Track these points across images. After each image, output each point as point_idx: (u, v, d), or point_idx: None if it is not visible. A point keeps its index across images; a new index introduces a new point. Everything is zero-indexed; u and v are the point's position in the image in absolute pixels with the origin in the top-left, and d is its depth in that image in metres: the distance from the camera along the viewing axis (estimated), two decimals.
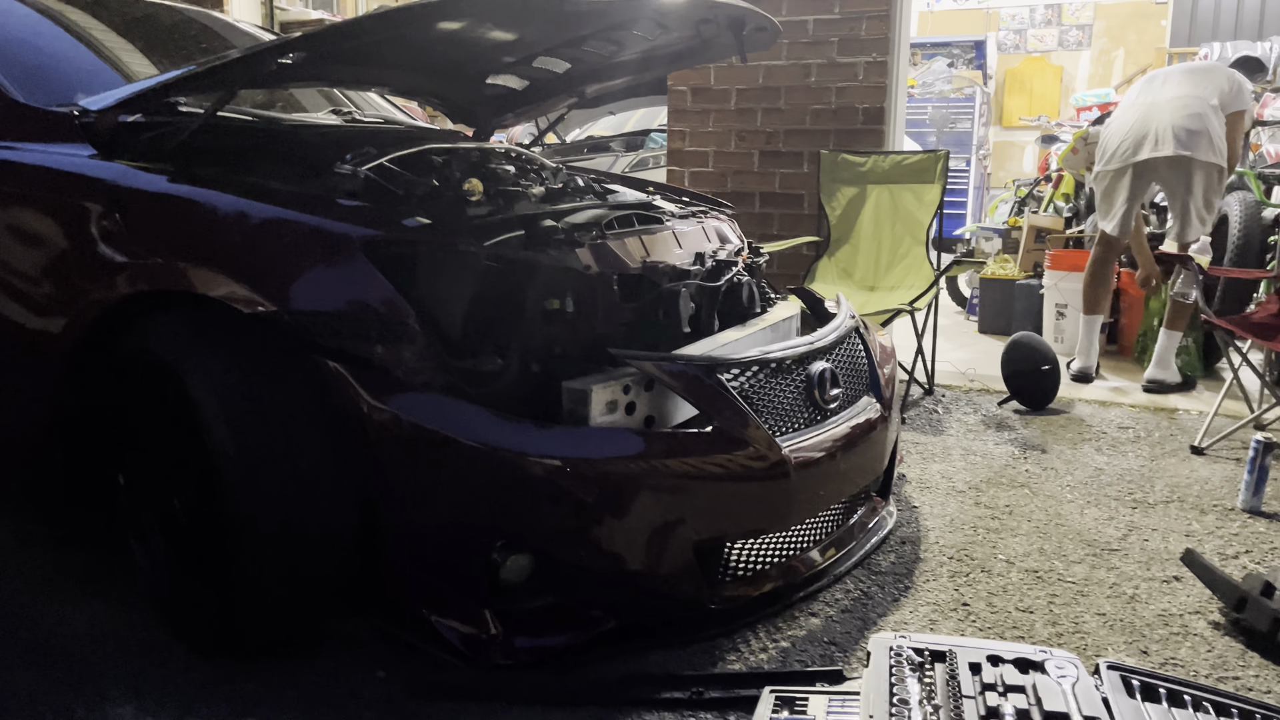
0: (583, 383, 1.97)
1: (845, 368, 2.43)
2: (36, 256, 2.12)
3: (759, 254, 2.80)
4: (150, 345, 1.95)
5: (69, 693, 1.85)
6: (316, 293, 1.90)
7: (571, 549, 1.93)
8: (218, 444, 1.82)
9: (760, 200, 4.67)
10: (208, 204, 2.01)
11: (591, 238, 2.18)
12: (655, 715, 1.81)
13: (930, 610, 2.22)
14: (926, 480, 3.08)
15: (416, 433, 1.86)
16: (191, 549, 2.01)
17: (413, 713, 1.82)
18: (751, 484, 2.07)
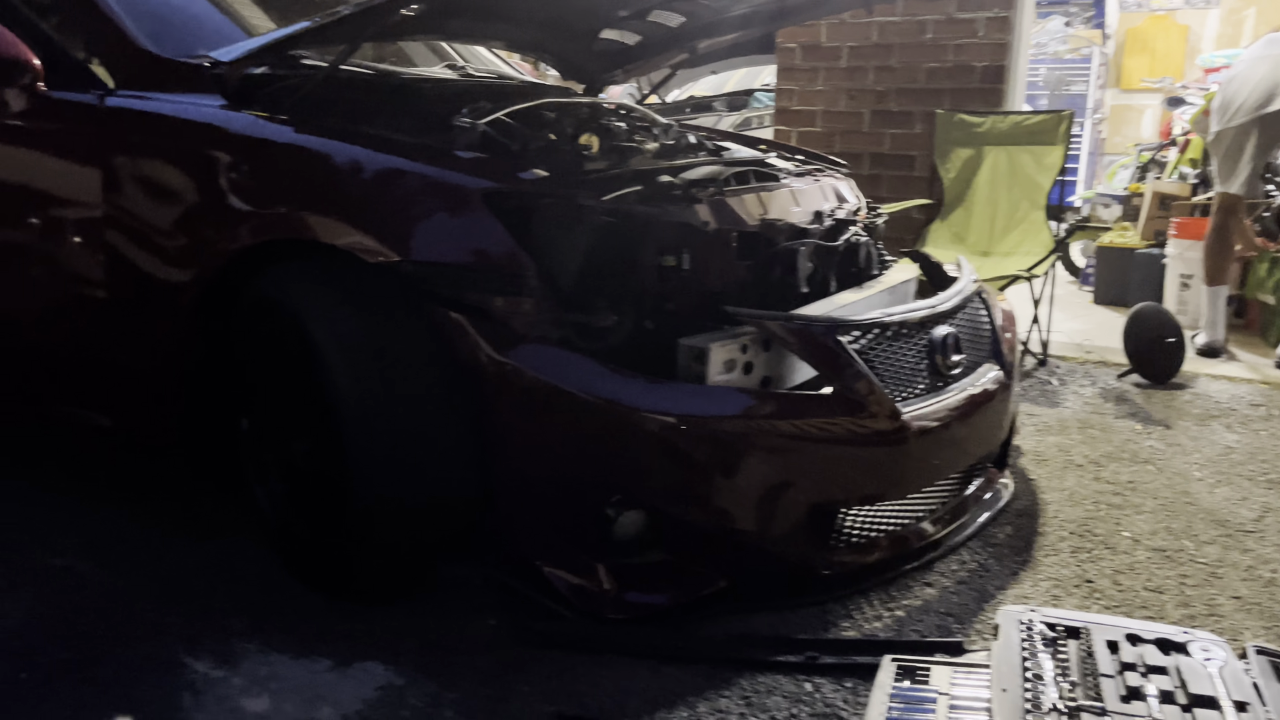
0: (701, 340, 1.94)
1: (968, 333, 2.35)
2: (167, 205, 2.17)
3: (878, 214, 2.71)
4: (275, 293, 1.98)
5: (196, 625, 1.92)
6: (438, 243, 1.90)
7: (685, 507, 1.92)
8: (339, 391, 1.85)
9: (869, 161, 4.55)
10: (332, 155, 2.03)
11: (709, 194, 2.14)
12: (767, 677, 1.79)
13: (1052, 585, 2.14)
14: (1042, 453, 2.97)
15: (533, 385, 1.86)
16: (310, 493, 2.05)
17: (523, 660, 1.83)
18: (869, 449, 2.02)
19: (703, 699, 1.72)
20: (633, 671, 1.79)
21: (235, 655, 1.83)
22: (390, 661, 1.81)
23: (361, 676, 1.77)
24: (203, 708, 1.67)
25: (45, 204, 2.28)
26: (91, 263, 2.23)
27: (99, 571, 2.11)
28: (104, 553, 2.19)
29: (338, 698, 1.70)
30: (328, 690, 1.72)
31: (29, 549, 2.20)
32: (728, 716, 1.68)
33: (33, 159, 2.29)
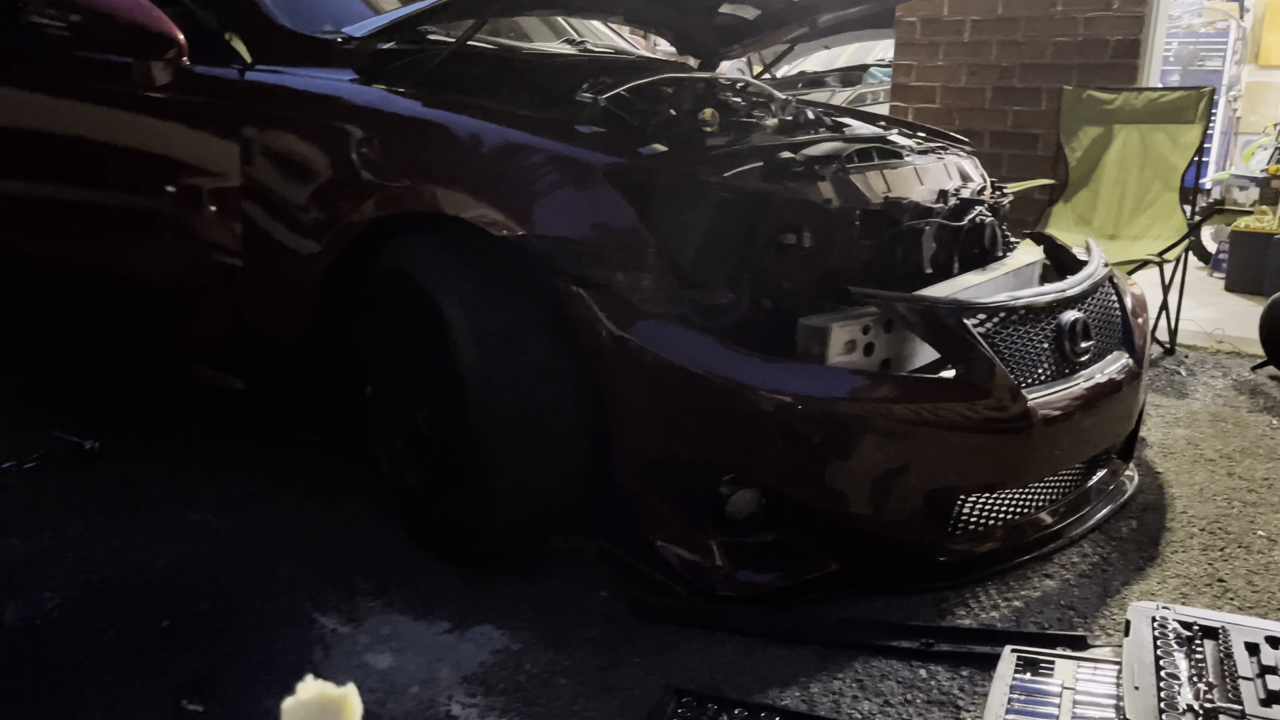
0: (821, 320, 1.92)
1: (1097, 319, 2.26)
2: (301, 176, 2.24)
3: (1003, 193, 2.63)
4: (404, 265, 2.04)
5: (323, 583, 2.00)
6: (561, 218, 1.92)
7: (799, 488, 1.91)
8: (464, 362, 1.89)
9: (990, 139, 4.41)
10: (459, 129, 2.06)
11: (831, 170, 2.11)
12: (881, 662, 1.77)
13: (1180, 583, 2.06)
14: (1170, 446, 2.86)
15: (651, 361, 1.87)
16: (432, 460, 2.11)
17: (635, 632, 1.85)
18: (991, 436, 1.97)
19: (815, 680, 1.72)
20: (744, 650, 1.80)
21: (360, 613, 1.90)
22: (506, 627, 1.86)
23: (479, 640, 1.81)
24: (332, 661, 1.74)
25: (186, 174, 2.38)
26: (228, 231, 2.32)
27: (234, 528, 2.22)
28: (238, 510, 2.30)
29: (457, 659, 1.75)
30: (447, 651, 1.78)
31: (169, 504, 2.32)
32: (841, 698, 1.67)
33: (176, 131, 2.40)
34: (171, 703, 1.62)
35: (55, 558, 2.07)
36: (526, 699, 1.65)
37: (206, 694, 1.64)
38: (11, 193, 2.69)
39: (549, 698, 1.66)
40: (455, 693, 1.66)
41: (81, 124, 2.54)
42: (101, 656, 1.74)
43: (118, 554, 2.09)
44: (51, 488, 2.40)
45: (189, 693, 1.64)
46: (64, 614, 1.87)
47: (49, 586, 1.96)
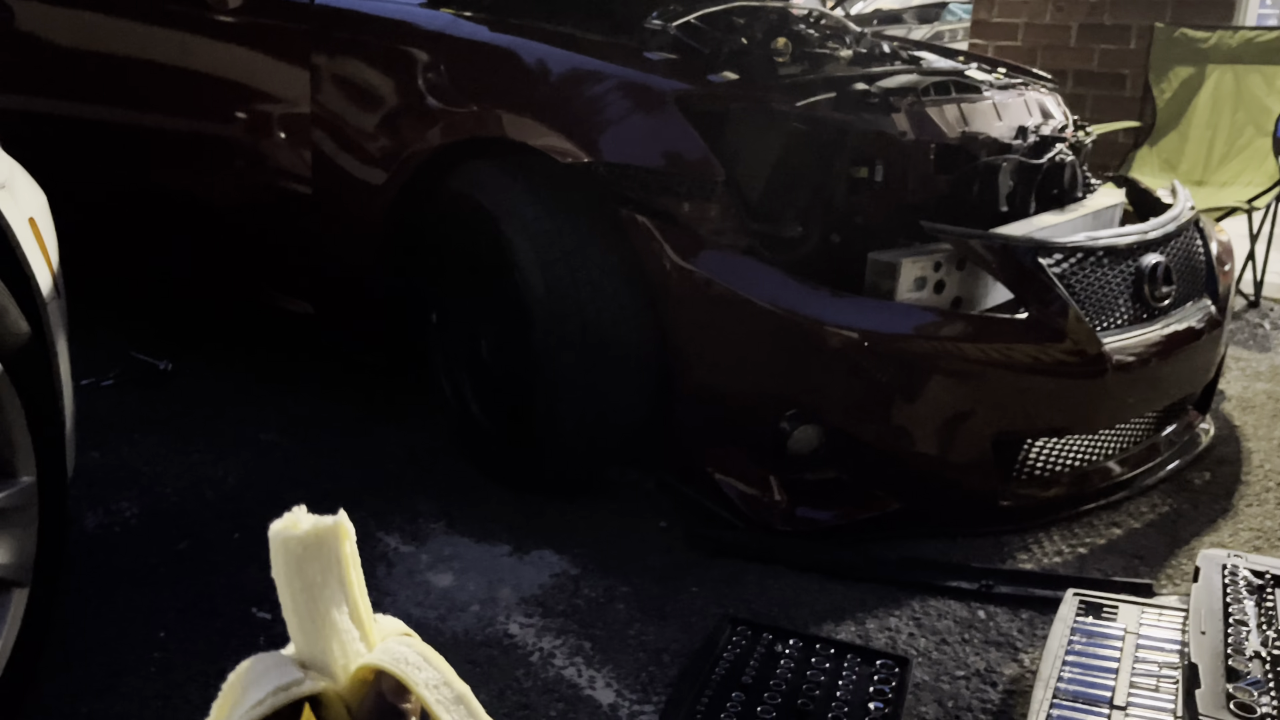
0: (891, 255, 1.88)
1: (1180, 264, 2.18)
2: (367, 103, 2.24)
3: (1086, 133, 2.54)
4: (470, 191, 2.04)
5: (386, 504, 2.04)
6: (629, 145, 1.90)
7: (862, 426, 1.89)
8: (529, 289, 1.89)
9: (1074, 79, 4.25)
10: (526, 54, 2.04)
11: (907, 103, 2.05)
12: (939, 601, 1.76)
13: (1253, 536, 2.01)
14: (1250, 400, 2.76)
15: (716, 292, 1.85)
16: (494, 387, 2.13)
17: (692, 563, 1.86)
18: (1063, 380, 1.92)
19: (871, 616, 1.71)
20: (801, 584, 1.80)
21: (423, 534, 1.94)
22: (565, 552, 1.88)
23: (539, 564, 1.84)
24: (395, 579, 1.78)
25: (258, 100, 2.40)
26: (298, 158, 2.34)
27: (301, 448, 2.27)
28: (305, 431, 2.35)
29: (517, 581, 1.78)
30: (507, 573, 1.81)
31: (243, 423, 2.38)
32: (897, 635, 1.66)
33: (247, 56, 2.41)
34: (242, 610, 1.68)
35: (131, 471, 2.14)
36: (584, 621, 1.67)
37: (275, 603, 1.68)
38: (89, 117, 2.74)
39: (606, 621, 1.68)
40: (514, 612, 1.69)
41: (156, 48, 2.57)
42: (175, 565, 1.81)
43: (191, 469, 2.16)
44: (128, 405, 2.48)
45: (259, 601, 1.70)
46: (140, 523, 1.94)
47: (126, 497, 2.03)
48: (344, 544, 0.33)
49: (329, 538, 0.32)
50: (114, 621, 1.64)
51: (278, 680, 0.31)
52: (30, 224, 1.36)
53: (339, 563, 0.32)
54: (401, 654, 0.32)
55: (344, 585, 0.32)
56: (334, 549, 0.32)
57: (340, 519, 0.33)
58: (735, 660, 1.51)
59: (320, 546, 0.32)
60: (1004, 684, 1.55)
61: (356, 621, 0.33)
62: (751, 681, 1.45)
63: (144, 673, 1.52)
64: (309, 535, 0.32)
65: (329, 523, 0.33)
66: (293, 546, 0.32)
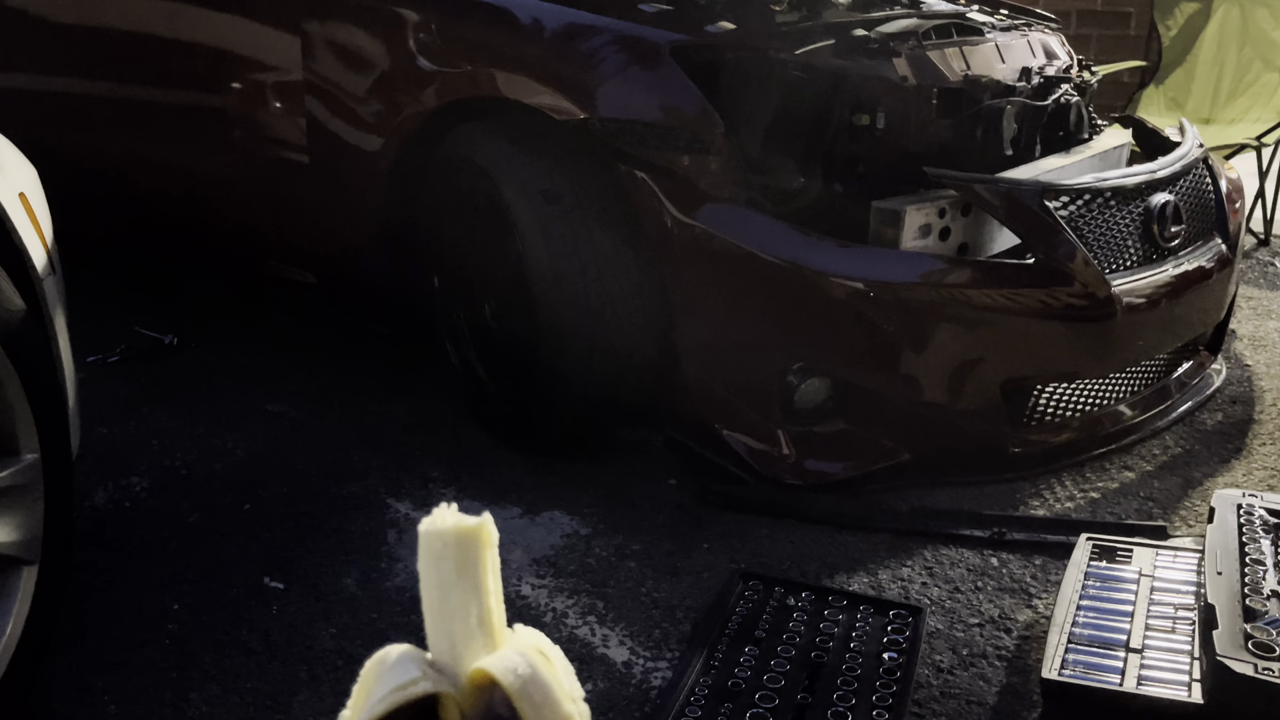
0: (895, 203, 1.85)
1: (1189, 203, 2.15)
2: (359, 68, 2.21)
3: (1091, 73, 2.49)
4: (466, 152, 2.01)
5: (396, 470, 2.04)
6: (625, 99, 1.87)
7: (870, 376, 1.87)
8: (529, 250, 1.87)
9: (1078, 19, 4.17)
10: (518, 10, 2.01)
11: (908, 47, 2.01)
12: (951, 550, 1.75)
13: (1267, 475, 2.00)
14: (1261, 338, 2.74)
15: (718, 246, 1.83)
16: (499, 350, 2.11)
17: (703, 519, 1.86)
18: (1072, 324, 1.90)
19: (883, 566, 1.71)
20: (812, 537, 1.79)
21: (433, 499, 1.93)
22: (575, 513, 1.88)
23: (550, 525, 1.84)
24: (405, 544, 1.78)
25: (250, 69, 2.36)
26: (293, 127, 2.31)
27: (310, 418, 2.27)
28: (314, 401, 2.34)
29: (528, 543, 1.78)
30: (519, 535, 1.80)
31: (248, 395, 2.37)
32: (909, 585, 1.66)
33: (237, 24, 2.37)
34: (254, 580, 1.68)
35: (140, 445, 2.14)
36: (596, 580, 1.67)
37: (287, 572, 1.70)
38: (79, 91, 2.71)
39: (618, 579, 1.68)
40: (525, 574, 1.69)
41: (146, 19, 2.53)
42: (187, 537, 1.81)
43: (199, 442, 2.15)
44: (135, 380, 2.47)
45: (270, 571, 1.70)
46: (151, 497, 1.95)
47: (135, 472, 2.03)
48: (485, 549, 0.32)
49: (469, 538, 0.32)
50: (127, 595, 1.64)
51: (397, 679, 0.31)
52: (21, 199, 1.34)
53: (476, 565, 0.32)
54: (514, 663, 0.31)
55: (478, 588, 0.32)
56: (473, 550, 0.32)
57: (484, 521, 0.32)
58: (748, 615, 1.51)
59: (460, 546, 0.32)
60: (1018, 630, 1.54)
61: (486, 627, 0.32)
62: (765, 635, 1.45)
63: (158, 645, 1.53)
64: (450, 533, 0.32)
65: (472, 523, 0.32)
66: (433, 543, 0.32)
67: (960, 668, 1.47)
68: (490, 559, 0.32)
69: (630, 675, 1.46)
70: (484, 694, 0.31)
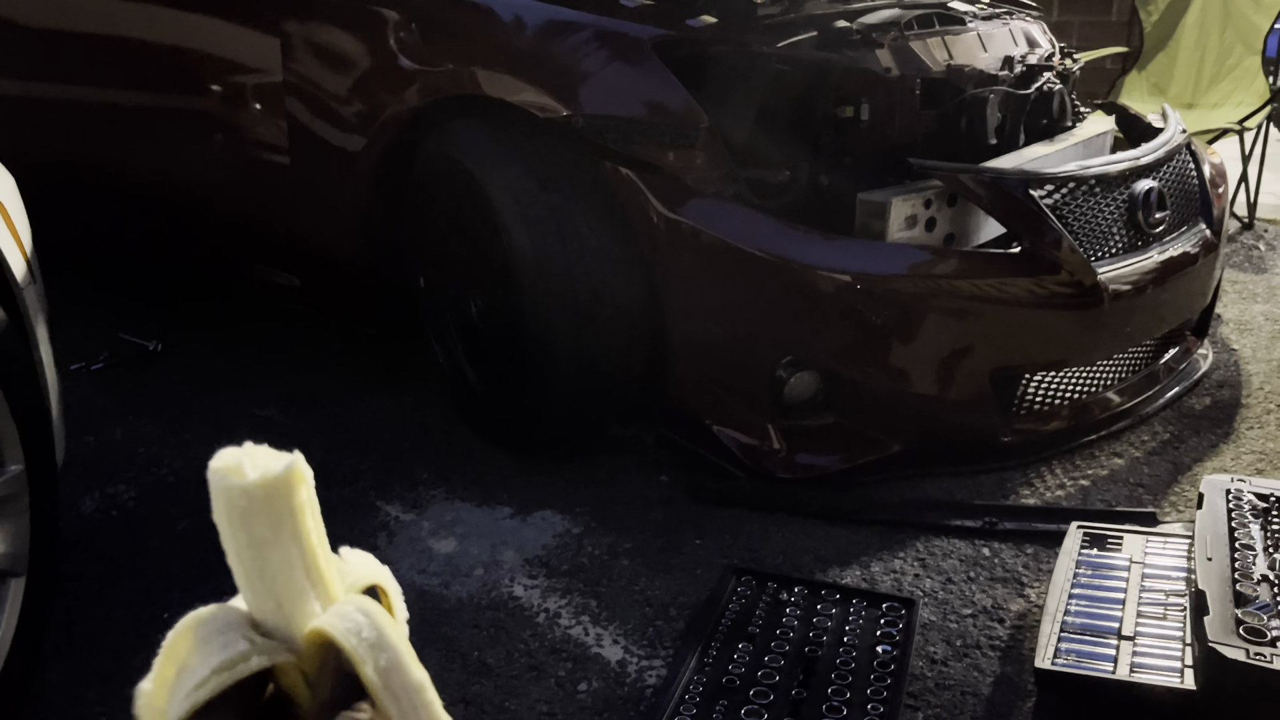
0: (881, 195, 1.85)
1: (1173, 188, 2.16)
2: (339, 68, 2.19)
3: (1073, 60, 2.49)
4: (449, 152, 2.00)
5: (386, 473, 2.03)
6: (608, 95, 1.86)
7: (859, 369, 1.87)
8: (516, 249, 1.86)
9: (1059, 6, 4.17)
10: (499, 7, 1.99)
11: (890, 38, 2.00)
12: (943, 541, 1.76)
13: (1255, 459, 2.00)
14: (1247, 322, 2.75)
15: (705, 242, 1.83)
16: (487, 350, 2.10)
17: (695, 516, 1.86)
18: (1059, 312, 1.90)
19: (876, 559, 1.71)
20: (805, 531, 1.79)
21: (423, 501, 1.92)
22: (567, 512, 1.87)
23: (541, 524, 1.83)
24: (396, 547, 1.77)
25: (230, 71, 2.35)
26: (275, 128, 2.29)
27: (297, 421, 2.25)
28: (301, 405, 2.33)
29: (520, 543, 1.77)
30: (510, 536, 1.80)
31: (235, 400, 2.36)
32: (902, 577, 1.66)
33: (216, 26, 2.35)
34: None
35: (127, 453, 2.13)
36: (588, 579, 1.67)
37: None
38: (58, 97, 2.69)
39: (610, 578, 1.67)
40: (518, 574, 1.69)
41: (124, 23, 2.51)
42: (175, 545, 1.80)
43: (186, 448, 2.14)
44: (120, 387, 2.45)
45: None
46: (138, 505, 1.93)
47: (122, 480, 2.02)
48: (297, 493, 0.27)
49: (279, 488, 0.27)
50: (117, 605, 1.63)
51: (221, 654, 0.26)
52: None
53: (291, 514, 0.27)
54: (356, 624, 0.26)
55: (298, 539, 0.27)
56: (285, 500, 0.27)
57: (293, 462, 0.27)
58: (741, 611, 1.51)
59: (269, 499, 0.27)
60: (1011, 620, 1.55)
61: (315, 578, 0.27)
62: (758, 631, 1.45)
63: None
64: (255, 487, 0.26)
65: (278, 470, 0.27)
66: (235, 498, 0.26)
67: (954, 659, 1.47)
68: (307, 500, 0.27)
69: (625, 674, 1.46)
70: (329, 653, 0.27)
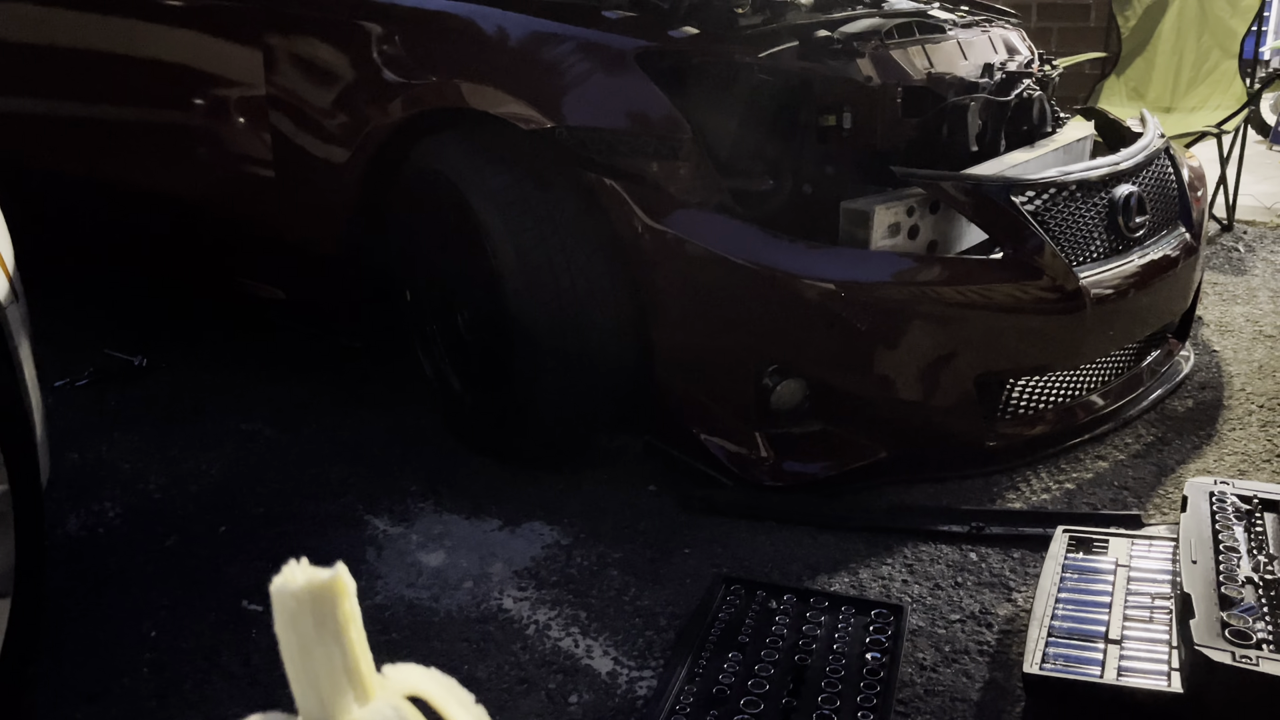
0: (864, 203, 1.86)
1: (1153, 193, 2.18)
2: (323, 81, 2.19)
3: (1052, 67, 2.51)
4: (435, 164, 2.00)
5: (374, 486, 2.02)
6: (591, 107, 1.87)
7: (845, 377, 1.88)
8: (502, 261, 1.87)
9: (1038, 12, 4.21)
10: (482, 20, 2.00)
11: (871, 47, 2.02)
12: (930, 546, 1.76)
13: (1238, 460, 2.02)
14: (1228, 323, 2.77)
15: (690, 252, 1.83)
16: (474, 362, 2.11)
17: (684, 525, 1.86)
18: (1042, 317, 1.92)
19: (864, 565, 1.72)
20: (793, 538, 1.80)
21: (412, 514, 1.92)
22: (556, 523, 1.87)
23: (530, 536, 1.83)
24: (385, 561, 1.77)
25: (213, 85, 2.34)
26: (259, 142, 2.29)
27: (285, 435, 2.25)
28: (288, 418, 2.32)
29: (509, 555, 1.77)
30: (499, 548, 1.80)
31: (223, 414, 2.35)
32: (890, 583, 1.67)
33: (197, 40, 2.35)
34: (232, 603, 1.67)
35: (112, 470, 2.12)
36: (578, 590, 1.67)
37: (265, 594, 1.67)
38: (42, 112, 2.68)
39: (600, 589, 1.68)
40: (507, 587, 1.69)
41: (108, 37, 2.50)
42: (163, 561, 1.79)
43: (173, 464, 2.13)
44: (105, 403, 2.44)
45: (249, 593, 1.68)
46: (124, 522, 1.92)
47: (108, 497, 2.01)
48: (341, 600, 0.32)
49: (325, 592, 0.32)
50: (104, 624, 1.62)
51: None
52: None
53: (334, 619, 0.32)
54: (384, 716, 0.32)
55: (339, 639, 0.32)
56: (329, 603, 0.32)
57: (337, 573, 0.32)
58: (731, 620, 1.51)
59: (316, 602, 0.31)
60: (999, 624, 1.56)
61: (354, 676, 0.32)
62: (748, 640, 1.46)
63: (137, 674, 1.51)
64: (303, 591, 0.31)
65: (324, 577, 0.32)
66: (287, 603, 0.31)
67: (943, 665, 1.48)
68: (349, 608, 0.32)
69: (615, 686, 1.46)
70: None
